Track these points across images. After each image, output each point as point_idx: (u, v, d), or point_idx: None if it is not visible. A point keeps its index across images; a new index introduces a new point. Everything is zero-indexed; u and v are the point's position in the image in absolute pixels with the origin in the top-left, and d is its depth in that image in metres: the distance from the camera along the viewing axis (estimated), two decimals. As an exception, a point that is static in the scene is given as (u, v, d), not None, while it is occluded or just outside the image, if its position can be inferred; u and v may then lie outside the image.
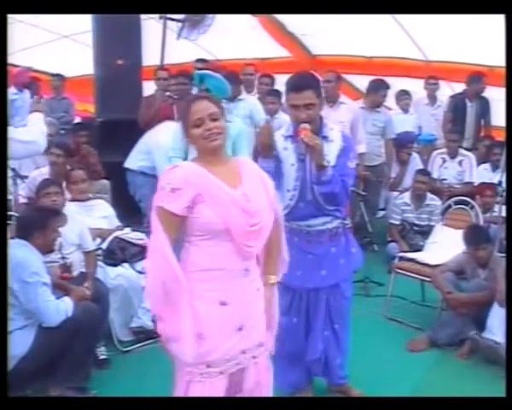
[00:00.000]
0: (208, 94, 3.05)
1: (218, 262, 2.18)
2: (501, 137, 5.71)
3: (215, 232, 2.16)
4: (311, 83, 2.91)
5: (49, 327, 3.10)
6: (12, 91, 7.12)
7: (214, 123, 2.19)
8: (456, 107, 6.49)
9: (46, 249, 3.29)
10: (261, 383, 2.36)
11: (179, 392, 2.27)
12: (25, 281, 3.05)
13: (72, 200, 4.12)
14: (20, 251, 3.10)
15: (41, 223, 3.27)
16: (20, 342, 3.04)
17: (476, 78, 6.41)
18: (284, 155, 2.99)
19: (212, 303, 2.18)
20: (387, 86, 6.14)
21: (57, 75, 7.68)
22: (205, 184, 2.15)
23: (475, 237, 4.19)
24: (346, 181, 2.95)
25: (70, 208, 3.84)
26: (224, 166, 2.24)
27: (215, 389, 2.22)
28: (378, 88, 6.09)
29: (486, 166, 5.92)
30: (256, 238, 2.21)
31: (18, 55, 7.78)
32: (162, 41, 7.08)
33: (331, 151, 2.93)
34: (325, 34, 7.99)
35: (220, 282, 2.19)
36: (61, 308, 3.15)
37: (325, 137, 2.93)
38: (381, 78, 6.31)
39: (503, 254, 3.98)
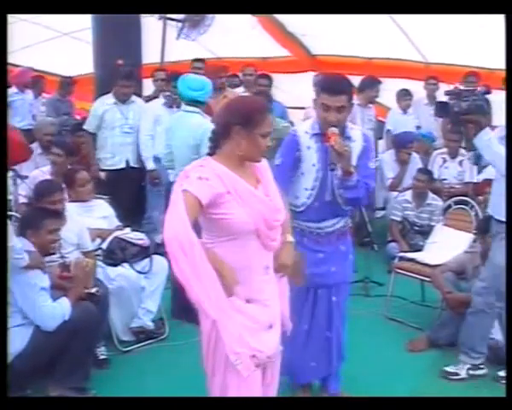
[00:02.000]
0: None
1: (243, 261, 2.21)
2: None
3: (244, 232, 2.19)
4: (347, 88, 2.87)
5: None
6: (13, 91, 7.14)
7: None
8: (456, 107, 6.49)
9: (43, 251, 3.26)
10: (275, 379, 2.41)
11: (215, 391, 2.28)
12: (22, 283, 3.06)
13: (75, 200, 4.11)
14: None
15: (35, 223, 3.25)
16: (17, 340, 3.04)
17: (470, 77, 6.44)
18: (306, 154, 2.94)
19: (239, 301, 2.20)
20: (379, 82, 6.22)
21: (67, 77, 7.70)
22: (235, 186, 2.17)
23: (489, 222, 4.21)
24: (369, 184, 2.92)
25: (69, 208, 3.83)
26: (245, 168, 2.27)
27: (253, 382, 2.23)
28: (372, 84, 6.16)
29: None
30: (278, 232, 2.31)
31: (18, 54, 7.79)
32: (162, 41, 7.09)
33: (353, 151, 2.89)
34: (325, 34, 7.99)
35: (244, 280, 2.21)
36: (56, 313, 3.13)
37: (348, 138, 2.90)
38: (372, 75, 6.36)
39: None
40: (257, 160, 2.28)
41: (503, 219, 3.41)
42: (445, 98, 3.60)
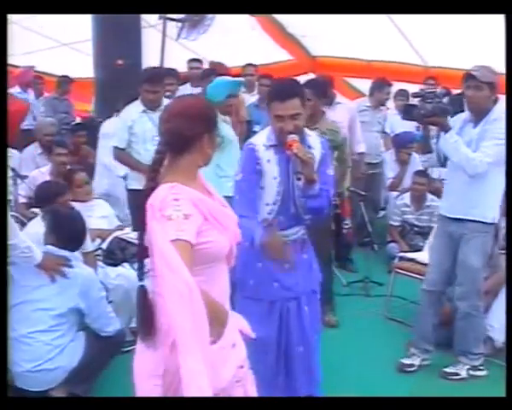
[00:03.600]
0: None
1: (220, 286, 1.99)
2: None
3: (220, 258, 1.95)
4: (297, 90, 2.70)
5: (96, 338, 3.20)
6: (16, 91, 7.16)
7: None
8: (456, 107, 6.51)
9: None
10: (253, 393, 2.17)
11: None
12: (96, 296, 3.16)
13: (74, 200, 4.11)
14: (84, 269, 3.18)
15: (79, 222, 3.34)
16: (71, 356, 3.09)
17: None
18: (267, 168, 2.77)
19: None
20: (390, 84, 6.33)
21: (65, 76, 7.71)
22: (210, 210, 1.88)
23: None
24: (329, 191, 2.83)
25: (70, 208, 3.84)
26: (198, 181, 2.00)
27: None
28: (381, 87, 6.26)
29: None
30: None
31: (18, 59, 7.81)
32: (162, 41, 7.08)
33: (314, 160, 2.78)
34: (325, 36, 7.99)
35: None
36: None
37: (309, 147, 2.80)
38: (383, 77, 6.44)
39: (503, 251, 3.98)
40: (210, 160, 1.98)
41: (470, 217, 3.42)
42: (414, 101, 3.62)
